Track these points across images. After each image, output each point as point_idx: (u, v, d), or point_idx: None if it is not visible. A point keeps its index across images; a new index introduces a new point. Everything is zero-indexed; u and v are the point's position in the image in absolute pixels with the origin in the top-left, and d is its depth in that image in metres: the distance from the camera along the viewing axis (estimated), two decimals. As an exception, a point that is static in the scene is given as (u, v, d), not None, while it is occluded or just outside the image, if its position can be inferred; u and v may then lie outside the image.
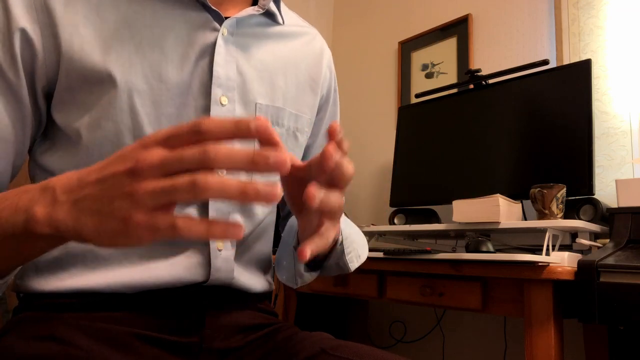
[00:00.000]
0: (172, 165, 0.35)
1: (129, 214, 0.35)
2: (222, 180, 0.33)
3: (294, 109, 0.68)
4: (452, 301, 1.15)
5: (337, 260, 0.63)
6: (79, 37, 0.53)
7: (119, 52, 0.54)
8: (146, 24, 0.56)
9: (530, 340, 0.98)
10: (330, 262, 0.63)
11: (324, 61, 0.75)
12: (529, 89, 1.39)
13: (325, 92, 0.76)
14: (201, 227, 0.34)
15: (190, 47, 0.58)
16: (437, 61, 1.90)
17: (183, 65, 0.57)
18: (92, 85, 0.54)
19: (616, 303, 0.86)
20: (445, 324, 1.75)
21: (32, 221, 0.38)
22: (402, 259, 1.20)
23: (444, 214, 1.57)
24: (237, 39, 0.62)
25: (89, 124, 0.54)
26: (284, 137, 0.67)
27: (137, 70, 0.55)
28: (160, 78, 0.56)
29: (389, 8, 2.16)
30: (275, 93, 0.65)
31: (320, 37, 0.77)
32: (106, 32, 0.54)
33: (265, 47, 0.65)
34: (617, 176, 1.35)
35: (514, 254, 0.98)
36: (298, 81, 0.69)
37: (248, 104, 0.62)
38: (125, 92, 0.54)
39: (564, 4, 1.54)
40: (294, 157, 0.50)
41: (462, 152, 1.49)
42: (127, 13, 0.56)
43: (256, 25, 0.65)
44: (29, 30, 0.52)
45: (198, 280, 0.58)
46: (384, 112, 2.08)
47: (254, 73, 0.63)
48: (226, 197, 0.34)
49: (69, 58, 0.53)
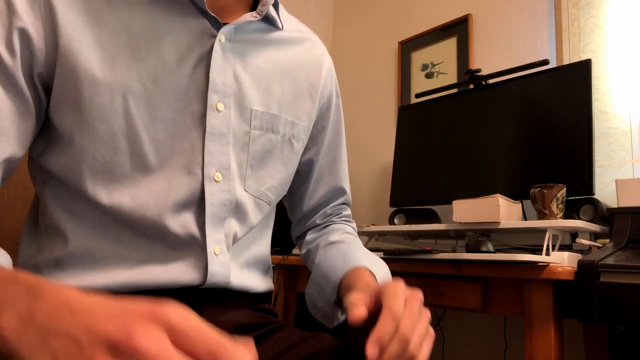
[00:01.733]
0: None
1: None
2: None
3: (290, 115, 0.68)
4: (452, 301, 1.15)
5: None
6: (77, 37, 0.53)
7: (115, 55, 0.55)
8: (144, 29, 0.56)
9: (530, 340, 0.98)
10: None
11: (324, 68, 0.75)
12: (529, 89, 1.39)
13: (326, 100, 0.76)
14: None
15: (187, 52, 0.58)
16: (437, 61, 1.90)
17: (180, 70, 0.57)
18: (86, 86, 0.54)
19: (616, 303, 0.86)
20: (445, 324, 1.75)
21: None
22: (402, 259, 1.20)
23: (444, 214, 1.57)
24: (234, 45, 0.62)
25: (83, 126, 0.54)
26: (279, 144, 0.66)
27: (132, 73, 0.55)
28: (156, 81, 0.56)
29: (389, 8, 2.16)
30: (271, 100, 0.65)
31: (321, 44, 0.77)
32: (104, 35, 0.55)
33: (263, 54, 0.65)
34: (617, 176, 1.34)
35: (514, 254, 0.98)
36: (296, 88, 0.69)
37: (244, 110, 0.62)
38: (119, 94, 0.54)
39: (564, 4, 1.54)
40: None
41: (462, 152, 1.49)
42: (126, 17, 0.56)
43: (255, 31, 0.65)
44: (31, 26, 0.52)
45: (194, 284, 0.58)
46: (384, 112, 2.08)
47: (250, 79, 0.63)
48: None
49: (65, 57, 0.53)
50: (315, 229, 0.80)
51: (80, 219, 0.56)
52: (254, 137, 0.63)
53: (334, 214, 0.81)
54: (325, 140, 0.77)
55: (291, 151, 0.69)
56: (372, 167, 2.07)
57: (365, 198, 2.06)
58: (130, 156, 0.56)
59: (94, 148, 0.55)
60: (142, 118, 0.56)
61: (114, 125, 0.55)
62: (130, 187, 0.55)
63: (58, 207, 0.56)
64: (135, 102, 0.55)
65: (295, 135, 0.69)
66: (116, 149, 0.55)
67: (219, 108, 0.59)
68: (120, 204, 0.55)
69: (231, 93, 0.60)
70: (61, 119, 0.55)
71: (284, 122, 0.67)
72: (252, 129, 0.63)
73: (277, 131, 0.66)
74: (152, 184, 0.56)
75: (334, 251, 0.71)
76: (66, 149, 0.56)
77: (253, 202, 0.65)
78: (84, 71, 0.54)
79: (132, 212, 0.55)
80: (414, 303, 0.49)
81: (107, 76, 0.54)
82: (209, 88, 0.58)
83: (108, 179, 0.55)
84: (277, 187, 0.68)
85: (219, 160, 0.59)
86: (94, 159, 0.55)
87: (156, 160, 0.56)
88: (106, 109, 0.54)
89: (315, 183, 0.78)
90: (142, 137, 0.56)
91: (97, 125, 0.54)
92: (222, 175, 0.59)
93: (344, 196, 0.82)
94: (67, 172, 0.55)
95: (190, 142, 0.58)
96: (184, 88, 0.58)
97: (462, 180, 1.46)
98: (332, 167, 0.79)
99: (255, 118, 0.63)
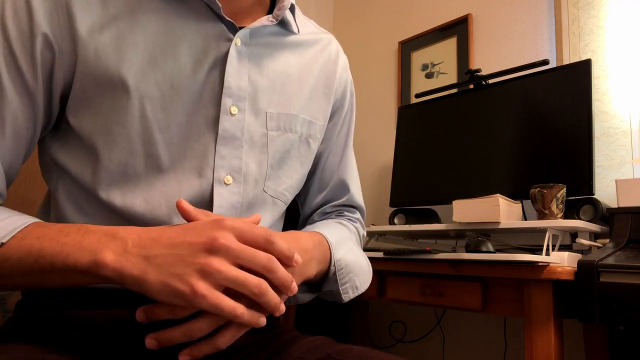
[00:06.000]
0: (244, 259, 0.46)
1: (196, 282, 0.43)
2: (277, 297, 0.48)
3: (307, 115, 0.68)
4: (452, 301, 1.15)
5: (331, 288, 0.65)
6: (94, 42, 0.54)
7: (132, 59, 0.55)
8: (160, 33, 0.57)
9: (530, 340, 0.98)
10: (324, 289, 0.65)
11: (339, 66, 0.75)
12: (528, 89, 1.39)
13: (340, 96, 0.76)
14: (254, 318, 0.47)
15: (203, 56, 0.58)
16: (437, 61, 1.90)
17: (195, 74, 0.58)
18: (105, 91, 0.55)
19: (616, 303, 0.86)
20: (445, 324, 1.75)
21: (100, 264, 0.44)
22: (402, 259, 1.20)
23: (444, 214, 1.57)
24: (250, 49, 0.62)
25: (101, 128, 0.55)
26: (297, 144, 0.67)
27: (149, 77, 0.56)
28: (172, 85, 0.57)
29: (389, 8, 2.16)
30: (288, 101, 0.65)
31: (335, 42, 0.77)
32: (121, 39, 0.55)
33: (279, 57, 0.66)
34: (617, 176, 1.34)
35: (514, 254, 0.98)
36: (312, 88, 0.69)
37: (259, 113, 0.62)
38: (136, 98, 0.55)
39: (564, 4, 1.54)
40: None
41: (462, 152, 1.49)
42: (143, 22, 0.56)
43: (270, 34, 0.65)
44: (49, 35, 0.53)
45: None
46: (384, 112, 2.08)
47: (266, 83, 0.63)
48: (273, 308, 0.48)
49: (84, 63, 0.54)
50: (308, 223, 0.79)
51: (90, 218, 0.56)
52: (272, 137, 0.63)
53: (334, 212, 0.80)
54: (333, 139, 0.77)
55: (308, 150, 0.69)
56: (372, 167, 2.07)
57: (365, 198, 2.05)
58: (145, 158, 0.56)
59: (110, 151, 0.55)
60: (157, 121, 0.56)
61: (130, 129, 0.55)
62: (144, 189, 0.56)
63: (70, 204, 0.57)
64: (152, 105, 0.56)
65: (312, 134, 0.69)
66: (132, 152, 0.56)
67: (233, 112, 0.60)
68: (133, 205, 0.55)
69: (246, 96, 0.61)
70: (79, 122, 0.56)
71: (302, 121, 0.67)
72: (269, 130, 0.63)
73: (295, 131, 0.66)
74: (165, 186, 0.57)
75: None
76: (83, 150, 0.56)
77: (271, 202, 0.65)
78: (102, 76, 0.54)
79: (144, 214, 0.55)
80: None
81: (124, 81, 0.54)
82: (223, 92, 0.59)
83: (123, 181, 0.56)
84: (293, 187, 0.69)
85: (230, 164, 0.59)
86: (110, 161, 0.55)
87: (169, 162, 0.57)
88: (123, 113, 0.55)
89: (319, 182, 0.78)
90: (157, 140, 0.56)
91: (114, 129, 0.55)
92: (233, 178, 0.60)
93: (346, 195, 0.79)
94: (82, 172, 0.56)
95: (203, 145, 0.58)
96: (199, 92, 0.58)
97: (462, 180, 1.47)
98: (337, 165, 0.78)
99: (271, 119, 0.63)
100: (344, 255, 0.65)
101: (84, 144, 0.56)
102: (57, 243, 0.47)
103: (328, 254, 0.63)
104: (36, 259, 0.47)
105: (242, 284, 0.45)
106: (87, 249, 0.46)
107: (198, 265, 0.44)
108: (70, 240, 0.47)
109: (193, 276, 0.43)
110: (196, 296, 0.43)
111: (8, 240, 0.47)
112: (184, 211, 0.51)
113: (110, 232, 0.47)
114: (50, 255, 0.46)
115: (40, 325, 0.55)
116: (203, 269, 0.44)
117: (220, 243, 0.44)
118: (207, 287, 0.43)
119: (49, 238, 0.47)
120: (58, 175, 0.58)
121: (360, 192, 0.83)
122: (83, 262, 0.45)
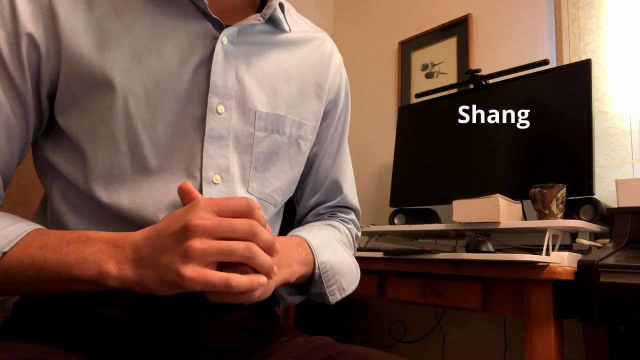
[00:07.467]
0: (224, 231, 0.45)
1: (183, 268, 0.44)
2: (267, 256, 0.47)
3: (296, 116, 0.67)
4: (452, 301, 1.15)
5: (318, 290, 0.65)
6: (79, 41, 0.54)
7: (117, 57, 0.55)
8: (146, 31, 0.57)
9: (530, 340, 0.98)
10: (311, 291, 0.65)
11: (332, 65, 0.73)
12: (528, 89, 1.39)
13: (333, 96, 0.74)
14: (255, 280, 0.46)
15: (189, 54, 0.58)
16: (437, 61, 1.90)
17: (181, 73, 0.57)
18: (90, 90, 0.54)
19: (616, 303, 0.86)
20: (445, 324, 1.75)
21: (105, 275, 0.46)
22: (402, 259, 1.20)
23: (444, 214, 1.57)
24: (238, 47, 0.61)
25: (86, 128, 0.55)
26: (285, 145, 0.66)
27: (133, 75, 0.55)
28: (157, 84, 0.56)
29: (389, 8, 2.16)
30: (277, 101, 0.65)
31: (330, 41, 0.75)
32: (106, 38, 0.55)
33: (268, 56, 0.65)
34: (617, 176, 1.34)
35: (514, 254, 0.98)
36: (303, 88, 0.68)
37: (247, 112, 0.62)
38: (121, 96, 0.55)
39: (564, 4, 1.54)
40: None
41: (462, 152, 1.49)
42: (128, 21, 0.56)
43: (259, 33, 0.64)
44: (35, 35, 0.53)
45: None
46: (384, 112, 2.08)
47: (254, 81, 0.62)
48: (268, 269, 0.47)
49: (68, 63, 0.54)
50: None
51: (83, 216, 0.56)
52: (258, 138, 0.63)
53: (327, 214, 0.79)
54: (327, 140, 0.76)
55: (298, 152, 0.68)
56: (372, 167, 2.07)
57: (365, 198, 2.06)
58: (131, 158, 0.56)
59: (96, 150, 0.55)
60: (142, 120, 0.56)
61: (115, 128, 0.55)
62: (129, 189, 0.56)
63: (63, 203, 0.57)
64: (136, 104, 0.55)
65: (302, 135, 0.68)
66: (117, 152, 0.55)
67: (219, 110, 0.59)
68: (120, 204, 0.55)
69: (233, 95, 0.60)
70: (67, 122, 0.56)
71: (291, 122, 0.66)
72: (257, 131, 0.63)
73: (282, 132, 0.65)
74: (151, 187, 0.56)
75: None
76: (71, 150, 0.56)
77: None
78: (86, 75, 0.54)
79: (131, 212, 0.55)
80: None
81: (108, 79, 0.54)
82: (210, 90, 0.58)
83: (108, 180, 0.55)
84: (283, 189, 0.68)
85: (217, 163, 0.59)
86: (95, 161, 0.55)
87: (156, 163, 0.57)
88: (107, 112, 0.55)
89: (313, 184, 0.77)
90: (142, 139, 0.56)
91: (99, 128, 0.55)
92: (222, 177, 0.59)
93: (340, 196, 0.78)
94: (74, 173, 0.56)
95: (190, 145, 0.58)
96: (185, 90, 0.58)
97: (462, 180, 1.46)
98: (330, 166, 0.77)
99: (259, 119, 0.63)
100: (329, 257, 0.65)
101: (72, 143, 0.56)
102: (61, 253, 0.48)
103: (311, 256, 0.63)
104: (41, 269, 0.47)
105: (230, 252, 0.45)
106: (90, 259, 0.47)
107: (181, 251, 0.44)
108: (73, 250, 0.48)
109: (178, 263, 0.44)
110: (186, 281, 0.43)
111: (10, 250, 0.48)
112: (184, 192, 0.51)
113: (110, 240, 0.48)
114: (55, 265, 0.47)
115: (40, 326, 0.55)
116: (186, 253, 0.44)
117: (194, 223, 0.45)
118: (194, 269, 0.44)
119: (51, 248, 0.48)
120: (52, 176, 0.58)
121: (354, 192, 0.82)
122: (89, 273, 0.47)
